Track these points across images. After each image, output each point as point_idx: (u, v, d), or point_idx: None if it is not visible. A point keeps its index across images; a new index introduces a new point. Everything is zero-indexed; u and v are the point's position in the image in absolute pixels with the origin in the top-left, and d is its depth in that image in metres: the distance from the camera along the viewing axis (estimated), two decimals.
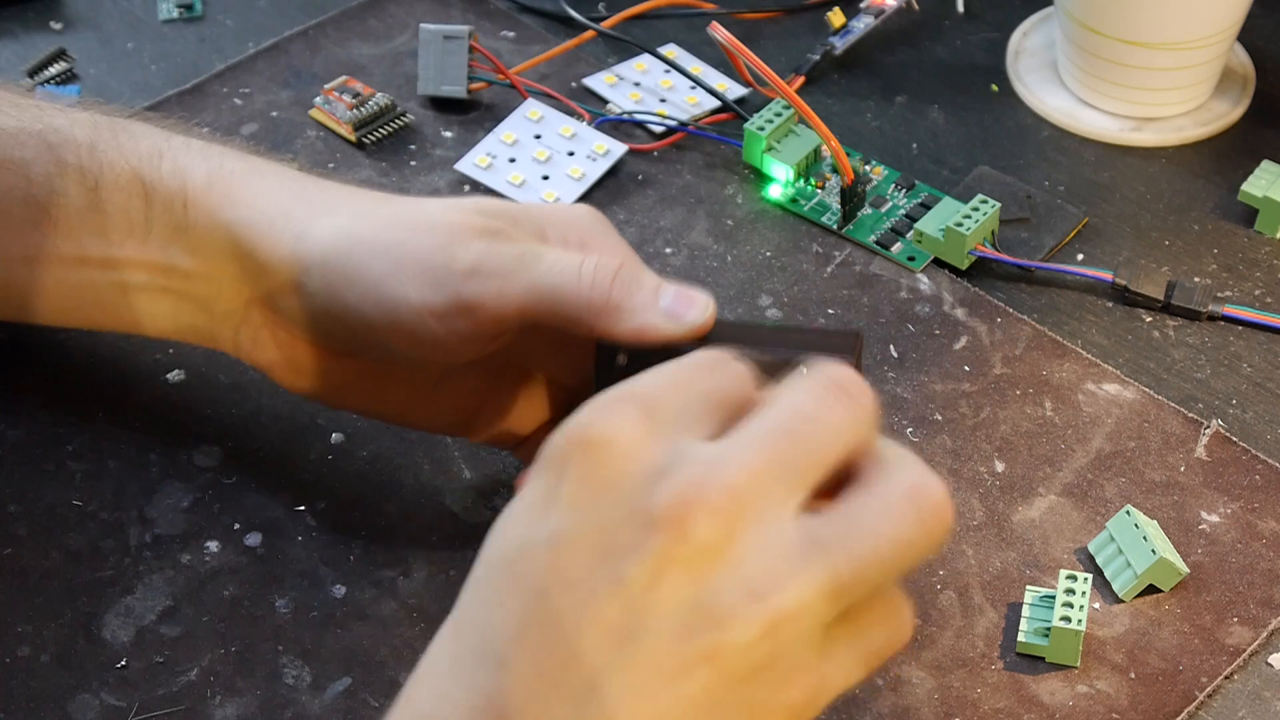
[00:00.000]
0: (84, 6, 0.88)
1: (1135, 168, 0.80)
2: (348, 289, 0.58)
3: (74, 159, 0.62)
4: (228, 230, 0.61)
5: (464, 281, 0.57)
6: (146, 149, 0.62)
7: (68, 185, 0.61)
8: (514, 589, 0.45)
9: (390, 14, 0.88)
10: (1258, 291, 0.74)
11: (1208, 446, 0.68)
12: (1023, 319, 0.73)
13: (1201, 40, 0.79)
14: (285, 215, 0.60)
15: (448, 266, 0.57)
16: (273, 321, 0.62)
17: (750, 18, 0.88)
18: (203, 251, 0.61)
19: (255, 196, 0.61)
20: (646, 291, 0.56)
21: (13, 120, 0.63)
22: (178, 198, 0.61)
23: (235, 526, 0.65)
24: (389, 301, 0.57)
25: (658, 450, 0.45)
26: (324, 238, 0.59)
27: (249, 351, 0.63)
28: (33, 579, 0.63)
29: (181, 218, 0.61)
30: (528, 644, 0.44)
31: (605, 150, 0.79)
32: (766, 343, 0.58)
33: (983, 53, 0.86)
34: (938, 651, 0.62)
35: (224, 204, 0.61)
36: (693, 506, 0.44)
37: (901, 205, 0.78)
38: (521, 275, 0.56)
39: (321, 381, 0.63)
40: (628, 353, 0.57)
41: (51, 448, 0.68)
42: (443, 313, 0.57)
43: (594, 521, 0.45)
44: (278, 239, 0.60)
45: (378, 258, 0.58)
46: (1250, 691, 0.61)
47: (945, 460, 0.68)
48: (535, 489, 0.46)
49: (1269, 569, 0.64)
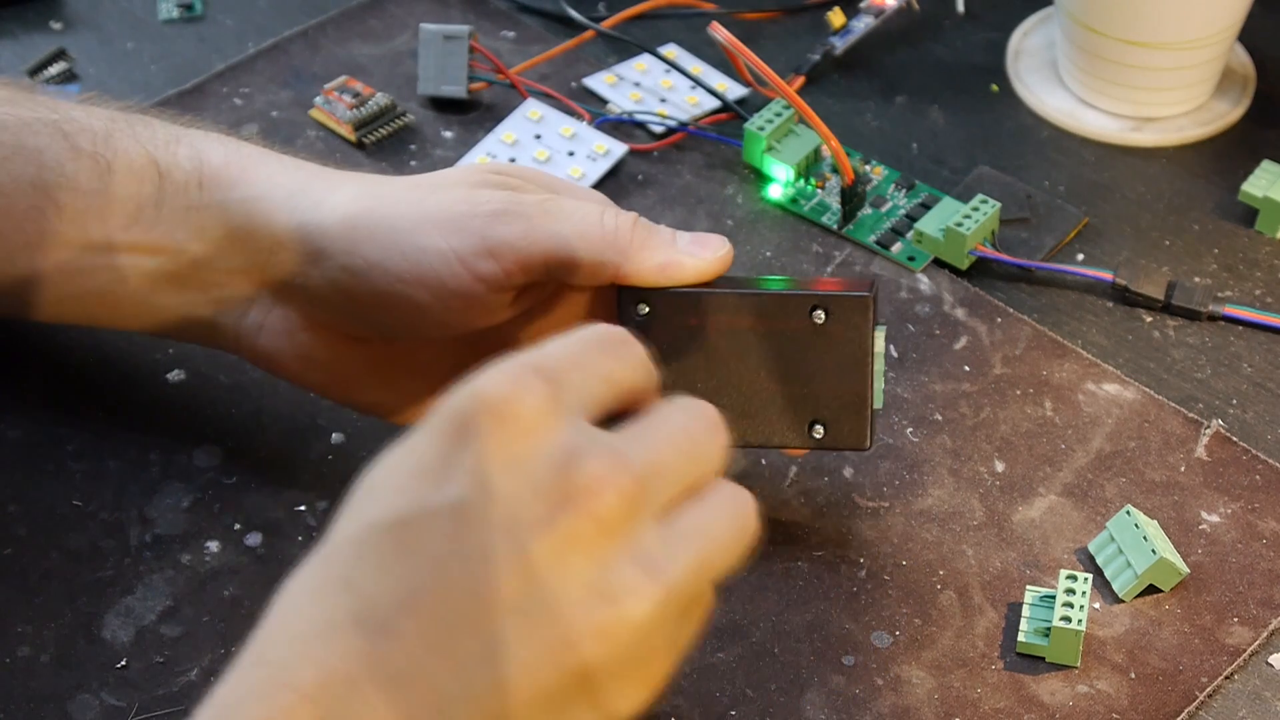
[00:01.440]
0: (84, 6, 0.88)
1: (1135, 168, 0.80)
2: (372, 245, 0.59)
3: (89, 146, 0.62)
4: (242, 205, 0.61)
5: (490, 224, 0.58)
6: (164, 136, 0.63)
7: (79, 170, 0.62)
8: (403, 556, 0.45)
9: (390, 14, 0.88)
10: (1258, 291, 0.74)
11: (1208, 446, 0.68)
12: (1023, 319, 0.73)
13: (1201, 40, 0.79)
14: (302, 189, 0.61)
15: (472, 213, 0.58)
16: (283, 304, 0.62)
17: (750, 18, 0.88)
18: (213, 232, 0.61)
19: (272, 174, 0.62)
20: (665, 234, 0.59)
21: (28, 111, 0.63)
22: (193, 179, 0.62)
23: (235, 526, 0.65)
24: (415, 251, 0.58)
25: (564, 430, 0.46)
26: (344, 203, 0.60)
27: (251, 342, 0.63)
28: (33, 579, 0.63)
29: (195, 198, 0.62)
30: (418, 613, 0.44)
31: (605, 150, 0.79)
32: (784, 285, 0.61)
33: (983, 53, 0.86)
34: (938, 651, 0.62)
35: (239, 181, 0.62)
36: (600, 484, 0.45)
37: (901, 205, 0.78)
38: (546, 219, 0.58)
39: (329, 371, 0.63)
40: (649, 302, 0.60)
41: (51, 448, 0.68)
42: (470, 255, 0.58)
43: (499, 495, 0.45)
44: (294, 208, 0.61)
45: (402, 212, 0.59)
46: (1250, 691, 0.61)
47: (945, 460, 0.68)
48: (427, 451, 0.46)
49: (1269, 569, 0.64)
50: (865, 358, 0.59)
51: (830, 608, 0.63)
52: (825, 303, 0.59)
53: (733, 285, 0.60)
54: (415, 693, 0.44)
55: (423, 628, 0.44)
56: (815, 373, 0.60)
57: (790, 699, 0.60)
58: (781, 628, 0.62)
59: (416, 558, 0.45)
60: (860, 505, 0.66)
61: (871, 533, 0.65)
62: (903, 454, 0.68)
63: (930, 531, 0.65)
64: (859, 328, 0.59)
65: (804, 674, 0.61)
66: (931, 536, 0.65)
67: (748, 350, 0.60)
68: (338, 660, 0.44)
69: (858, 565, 0.64)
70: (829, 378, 0.60)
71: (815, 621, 0.62)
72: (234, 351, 0.64)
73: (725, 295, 0.60)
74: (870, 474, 0.67)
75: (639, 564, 0.46)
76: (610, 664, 0.45)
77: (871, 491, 0.67)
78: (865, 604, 0.63)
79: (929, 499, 0.66)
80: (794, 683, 0.61)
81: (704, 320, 0.60)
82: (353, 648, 0.44)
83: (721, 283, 0.60)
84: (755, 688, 0.61)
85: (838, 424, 0.60)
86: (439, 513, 0.45)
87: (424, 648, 0.44)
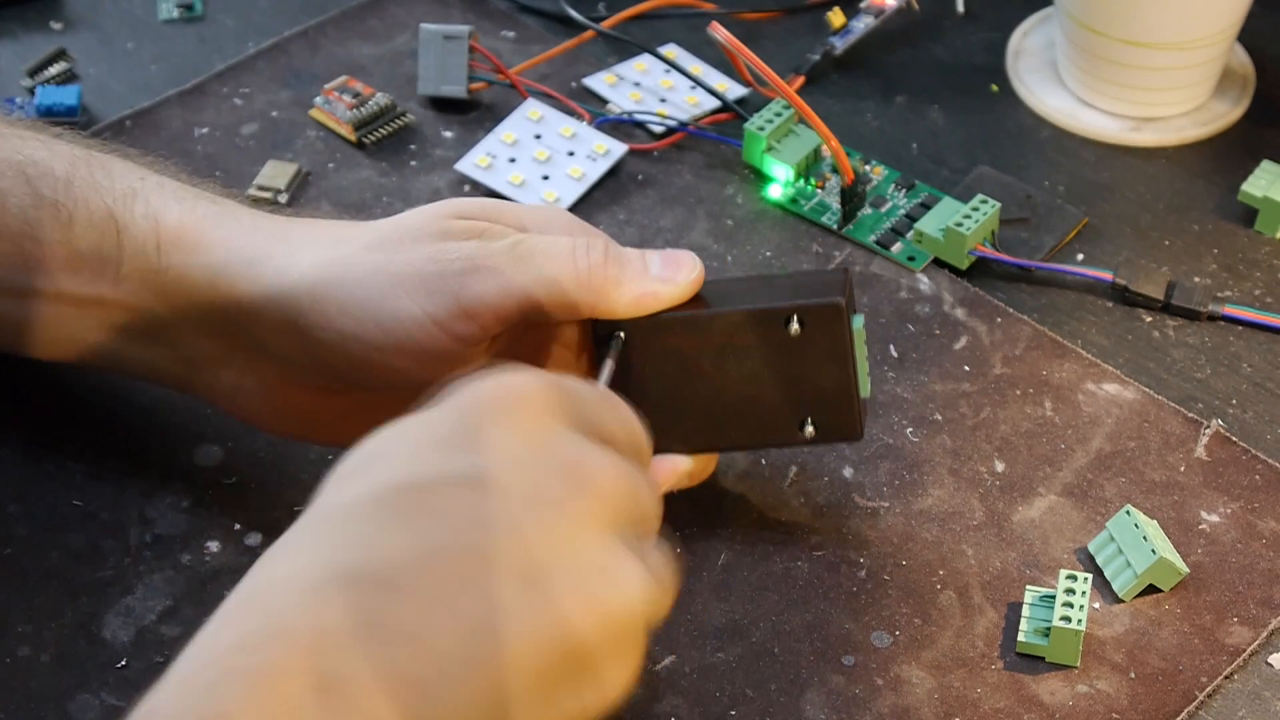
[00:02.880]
0: (84, 6, 0.88)
1: (1135, 168, 0.80)
2: (343, 316, 0.58)
3: (50, 193, 0.61)
4: (204, 272, 0.60)
5: (462, 282, 0.57)
6: (122, 188, 0.62)
7: (43, 218, 0.61)
8: (419, 516, 0.45)
9: (390, 14, 0.88)
10: (1258, 291, 0.74)
11: (1208, 446, 0.68)
12: (1023, 319, 0.73)
13: (1201, 40, 0.79)
14: (265, 255, 0.60)
15: (443, 272, 0.57)
16: (257, 366, 0.61)
17: (750, 18, 0.88)
18: (176, 298, 0.60)
19: (230, 238, 0.60)
20: (637, 262, 0.59)
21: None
22: (150, 240, 0.60)
23: (235, 526, 0.65)
24: (389, 319, 0.57)
25: (576, 431, 0.48)
26: (310, 271, 0.59)
27: (228, 399, 0.62)
28: (33, 579, 0.63)
29: (154, 261, 0.60)
30: (427, 573, 0.45)
31: (605, 150, 0.79)
32: (758, 294, 0.60)
33: (983, 53, 0.86)
34: (938, 651, 0.62)
35: (197, 246, 0.60)
36: (614, 481, 0.47)
37: (901, 205, 0.78)
38: (518, 269, 0.57)
39: (310, 422, 0.62)
40: (624, 329, 0.60)
41: (51, 448, 0.68)
42: (445, 318, 0.57)
43: (520, 469, 0.46)
44: (259, 279, 0.59)
45: (370, 278, 0.58)
46: (1250, 691, 0.61)
47: (945, 460, 0.68)
48: (444, 425, 0.47)
49: (1269, 569, 0.64)
50: (845, 357, 0.60)
51: (830, 608, 0.63)
52: (798, 312, 0.59)
53: (707, 303, 0.60)
54: (413, 652, 0.44)
55: (429, 588, 0.44)
56: (799, 376, 0.60)
57: (790, 699, 0.60)
58: (781, 628, 0.62)
59: (434, 520, 0.45)
60: (860, 505, 0.66)
61: (871, 533, 0.65)
62: (903, 454, 0.68)
63: (930, 531, 0.65)
64: (836, 331, 0.59)
65: (804, 674, 0.61)
66: (931, 536, 0.65)
67: (728, 364, 0.60)
68: (337, 613, 0.44)
69: (858, 565, 0.64)
70: (813, 379, 0.60)
71: (815, 621, 0.62)
72: (210, 403, 0.63)
73: (698, 317, 0.60)
74: (870, 474, 0.67)
75: (636, 553, 0.48)
76: (605, 644, 0.46)
77: (871, 491, 0.67)
78: (865, 604, 0.63)
79: (929, 499, 0.66)
80: (794, 683, 0.61)
81: (680, 341, 0.60)
82: (353, 602, 0.44)
83: (697, 299, 0.60)
84: (755, 688, 0.61)
85: (828, 420, 0.61)
86: (459, 480, 0.46)
87: (428, 608, 0.44)
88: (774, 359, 0.60)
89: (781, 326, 0.59)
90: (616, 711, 0.48)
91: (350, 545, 0.45)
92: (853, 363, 0.60)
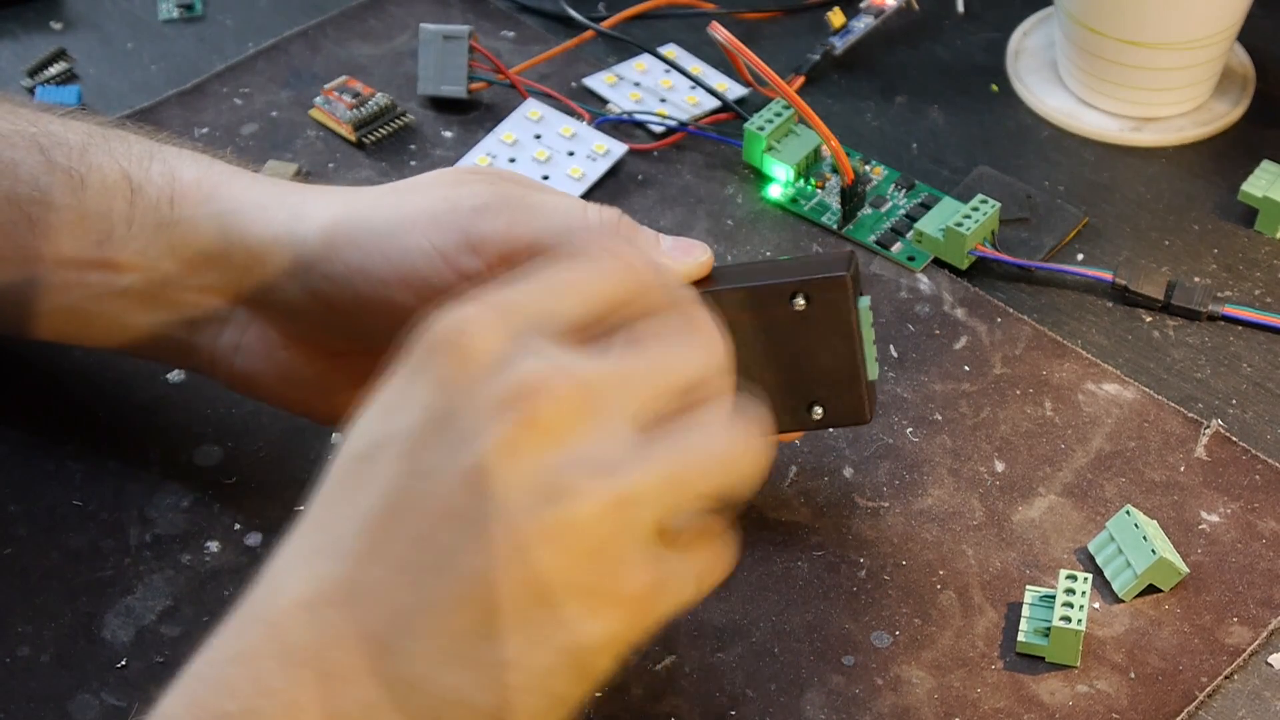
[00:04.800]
0: (84, 6, 0.88)
1: (1135, 168, 0.80)
2: (352, 250, 0.58)
3: (64, 160, 0.62)
4: (215, 220, 0.61)
5: (472, 219, 0.57)
6: (138, 152, 0.62)
7: (54, 185, 0.61)
8: (363, 485, 0.46)
9: (390, 14, 0.88)
10: (1258, 291, 0.74)
11: (1208, 446, 0.68)
12: (1023, 319, 0.73)
13: (1201, 40, 0.79)
14: (276, 202, 0.61)
15: (454, 209, 0.58)
16: (261, 321, 0.61)
17: (750, 18, 0.88)
18: (185, 250, 0.61)
19: (244, 190, 0.61)
20: (649, 234, 0.59)
21: (6, 124, 0.63)
22: (164, 195, 0.61)
23: (235, 526, 0.65)
24: (397, 252, 0.57)
25: (512, 349, 0.47)
26: (321, 212, 0.60)
27: (229, 364, 0.62)
28: (33, 579, 0.63)
29: (167, 215, 0.61)
30: (377, 535, 0.46)
31: (605, 150, 0.79)
32: (762, 274, 0.60)
33: (983, 53, 0.86)
34: (938, 651, 0.62)
35: (211, 197, 0.61)
36: (537, 392, 0.46)
37: (901, 205, 0.78)
38: (528, 213, 0.57)
39: (310, 388, 0.62)
40: None
41: (51, 448, 0.68)
42: (452, 251, 0.57)
43: (447, 415, 0.46)
44: (269, 221, 0.60)
45: (383, 215, 0.58)
46: (1250, 691, 0.61)
47: (945, 460, 0.68)
48: (389, 388, 0.48)
49: (1269, 569, 0.64)
50: (851, 334, 0.59)
51: (830, 608, 0.63)
52: (803, 288, 0.59)
53: (712, 281, 0.60)
54: (373, 609, 0.45)
55: (381, 548, 0.46)
56: (805, 356, 0.59)
57: (790, 699, 0.60)
58: (781, 628, 0.62)
59: (370, 485, 0.46)
60: (860, 505, 0.66)
61: (871, 533, 0.65)
62: (903, 454, 0.68)
63: (930, 531, 0.65)
64: (841, 307, 0.59)
65: (804, 674, 0.61)
66: (931, 536, 0.65)
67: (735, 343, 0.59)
68: (302, 587, 0.46)
69: (858, 565, 0.64)
70: (819, 359, 0.59)
71: (815, 621, 0.63)
72: (210, 374, 0.63)
73: (705, 293, 0.59)
74: (870, 474, 0.67)
75: (586, 466, 0.46)
76: (565, 573, 0.45)
77: (871, 491, 0.67)
78: (865, 604, 0.63)
79: (929, 499, 0.66)
80: (794, 683, 0.61)
81: None
82: (315, 574, 0.46)
83: (704, 283, 0.60)
84: (755, 688, 0.61)
85: (835, 402, 0.60)
86: (391, 441, 0.47)
87: (380, 566, 0.46)
88: (779, 337, 0.59)
89: (786, 302, 0.59)
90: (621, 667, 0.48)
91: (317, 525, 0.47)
92: (859, 340, 0.59)
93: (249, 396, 0.64)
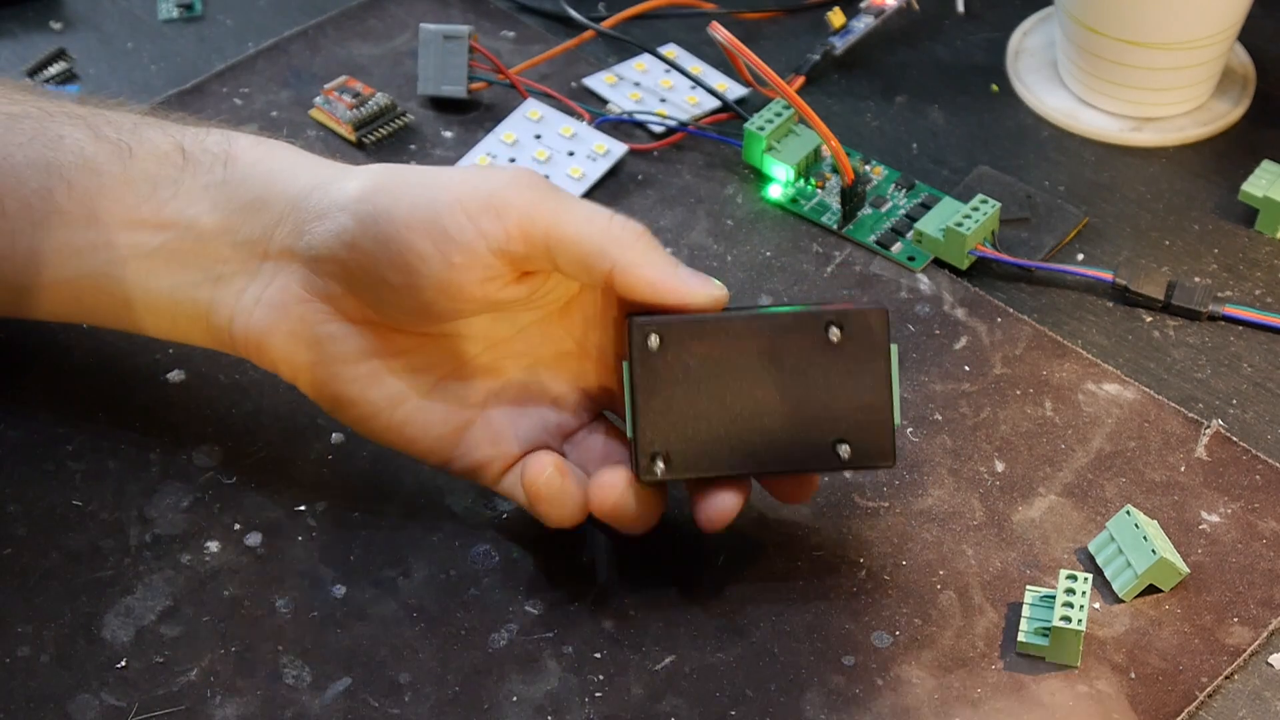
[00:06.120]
0: (84, 6, 0.88)
1: (1135, 168, 0.80)
2: (383, 195, 0.61)
3: (112, 134, 0.63)
4: (265, 176, 0.63)
5: (498, 189, 0.60)
6: (194, 130, 0.65)
7: (99, 153, 0.63)
8: None
9: (390, 14, 0.88)
10: (1258, 291, 0.74)
11: (1208, 446, 0.68)
12: (1023, 319, 0.73)
13: (1201, 40, 0.79)
14: (327, 164, 0.64)
15: (486, 178, 0.61)
16: (284, 273, 0.62)
17: (750, 18, 0.88)
18: (230, 204, 0.63)
19: (300, 154, 0.64)
20: (668, 256, 0.60)
21: (55, 106, 0.65)
22: (218, 160, 0.63)
23: (235, 526, 0.65)
24: (424, 201, 0.60)
25: None
26: (367, 171, 0.62)
27: (246, 318, 0.63)
28: (33, 579, 0.63)
29: (220, 175, 0.63)
30: None
31: (605, 150, 0.79)
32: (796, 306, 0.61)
33: (983, 53, 0.86)
34: (938, 651, 0.62)
35: (265, 158, 0.64)
36: None
37: (901, 205, 0.78)
38: (553, 198, 0.60)
39: (318, 350, 0.62)
40: (660, 333, 0.59)
41: (51, 448, 0.68)
42: (475, 208, 0.59)
43: None
44: (317, 174, 0.63)
45: (419, 178, 0.61)
46: (1250, 691, 0.61)
47: (945, 460, 0.68)
48: None
49: (1269, 569, 0.64)
50: (885, 371, 0.59)
51: (830, 608, 0.63)
52: (840, 319, 0.59)
53: (739, 311, 0.60)
54: None
55: None
56: (835, 391, 0.59)
57: (790, 699, 0.60)
58: (781, 628, 0.62)
59: None
60: (860, 505, 0.66)
61: (871, 533, 0.65)
62: (903, 454, 0.68)
63: (930, 531, 0.65)
64: (877, 341, 0.59)
65: (804, 674, 0.61)
66: (931, 536, 0.65)
67: (764, 374, 0.59)
68: None
69: (858, 565, 0.64)
70: (849, 395, 0.59)
71: (815, 621, 0.62)
72: (217, 340, 0.64)
73: (737, 319, 0.59)
74: (870, 474, 0.67)
75: None
76: None
77: (871, 492, 0.67)
78: (865, 604, 0.63)
79: (929, 499, 0.66)
80: (794, 683, 0.61)
81: (717, 347, 0.59)
82: None
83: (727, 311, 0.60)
84: (755, 688, 0.61)
85: (862, 441, 0.59)
86: None
87: None
88: (812, 369, 0.59)
89: (822, 331, 0.59)
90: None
91: None
92: (891, 377, 0.59)
93: (258, 360, 0.64)
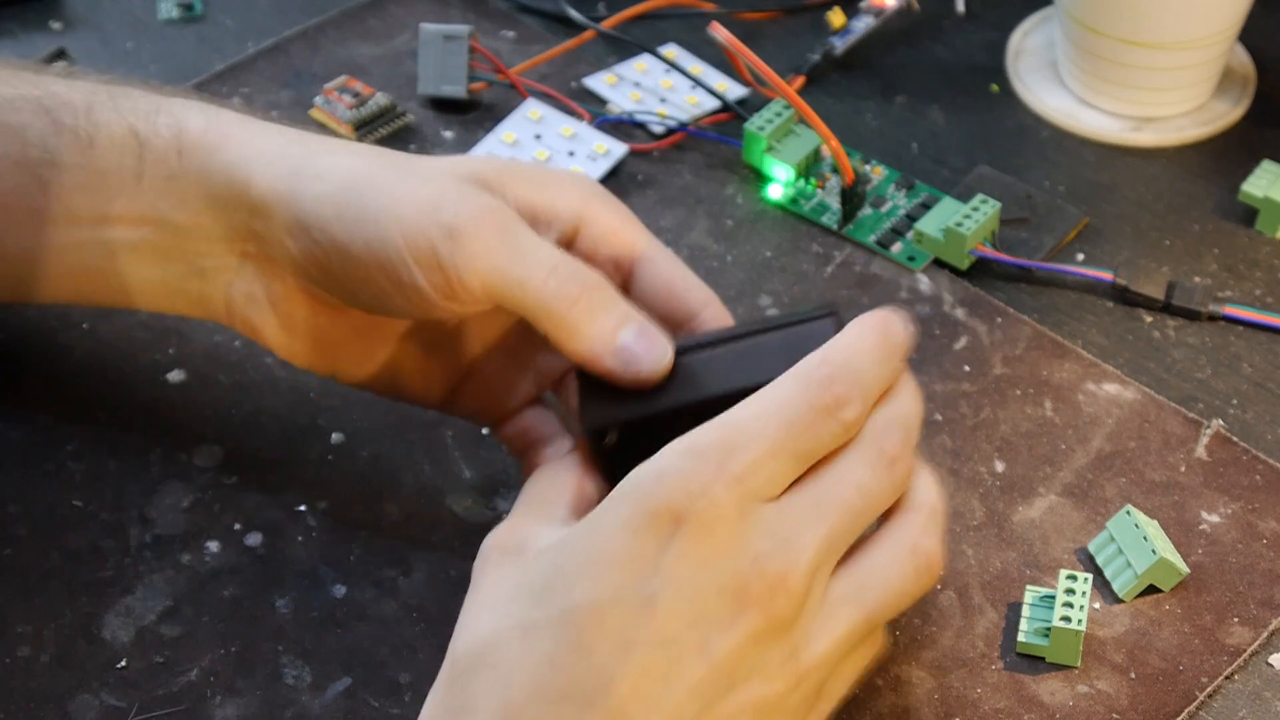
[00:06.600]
0: (84, 6, 0.88)
1: (1135, 168, 0.80)
2: (339, 225, 0.58)
3: (70, 121, 0.62)
4: (223, 171, 0.61)
5: (441, 239, 0.57)
6: (144, 106, 0.63)
7: (62, 145, 0.62)
8: (603, 638, 0.50)
9: (390, 14, 0.88)
10: (1258, 291, 0.74)
11: (1208, 446, 0.68)
12: (1023, 319, 0.73)
13: (1202, 40, 0.79)
14: (281, 154, 0.61)
15: (433, 221, 0.57)
16: (267, 273, 0.61)
17: (750, 18, 0.88)
18: (194, 201, 0.61)
19: (251, 138, 0.61)
20: (608, 322, 0.56)
21: (10, 89, 0.63)
22: (171, 148, 0.61)
23: (235, 526, 0.65)
24: (377, 241, 0.57)
25: (749, 530, 0.51)
26: (323, 174, 0.59)
27: (242, 312, 0.62)
28: (33, 579, 0.63)
29: (175, 166, 0.61)
30: (615, 692, 0.49)
31: (605, 150, 0.79)
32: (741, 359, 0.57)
33: (983, 53, 0.86)
34: (938, 651, 0.62)
35: (219, 147, 0.61)
36: (777, 592, 0.50)
37: (901, 205, 0.78)
38: (492, 256, 0.57)
39: (313, 340, 0.62)
40: (612, 431, 0.57)
41: (51, 448, 0.68)
42: (423, 256, 0.57)
43: (690, 593, 0.50)
44: (274, 176, 0.60)
45: (374, 196, 0.58)
46: (1250, 691, 0.61)
47: (945, 460, 0.68)
48: (620, 545, 0.50)
49: (1269, 569, 0.64)
50: None
51: None
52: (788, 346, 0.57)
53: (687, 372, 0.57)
54: None
55: (618, 705, 0.49)
56: None
57: None
58: None
59: (614, 641, 0.50)
60: None
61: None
62: None
63: None
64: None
65: None
66: None
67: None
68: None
69: None
70: None
71: None
72: (227, 323, 0.64)
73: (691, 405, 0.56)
74: None
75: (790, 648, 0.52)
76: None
77: None
78: None
79: None
80: None
81: (674, 433, 0.54)
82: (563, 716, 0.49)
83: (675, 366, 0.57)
84: None
85: None
86: (636, 604, 0.50)
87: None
88: None
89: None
90: None
91: (553, 666, 0.50)
92: None
93: (261, 343, 0.63)
